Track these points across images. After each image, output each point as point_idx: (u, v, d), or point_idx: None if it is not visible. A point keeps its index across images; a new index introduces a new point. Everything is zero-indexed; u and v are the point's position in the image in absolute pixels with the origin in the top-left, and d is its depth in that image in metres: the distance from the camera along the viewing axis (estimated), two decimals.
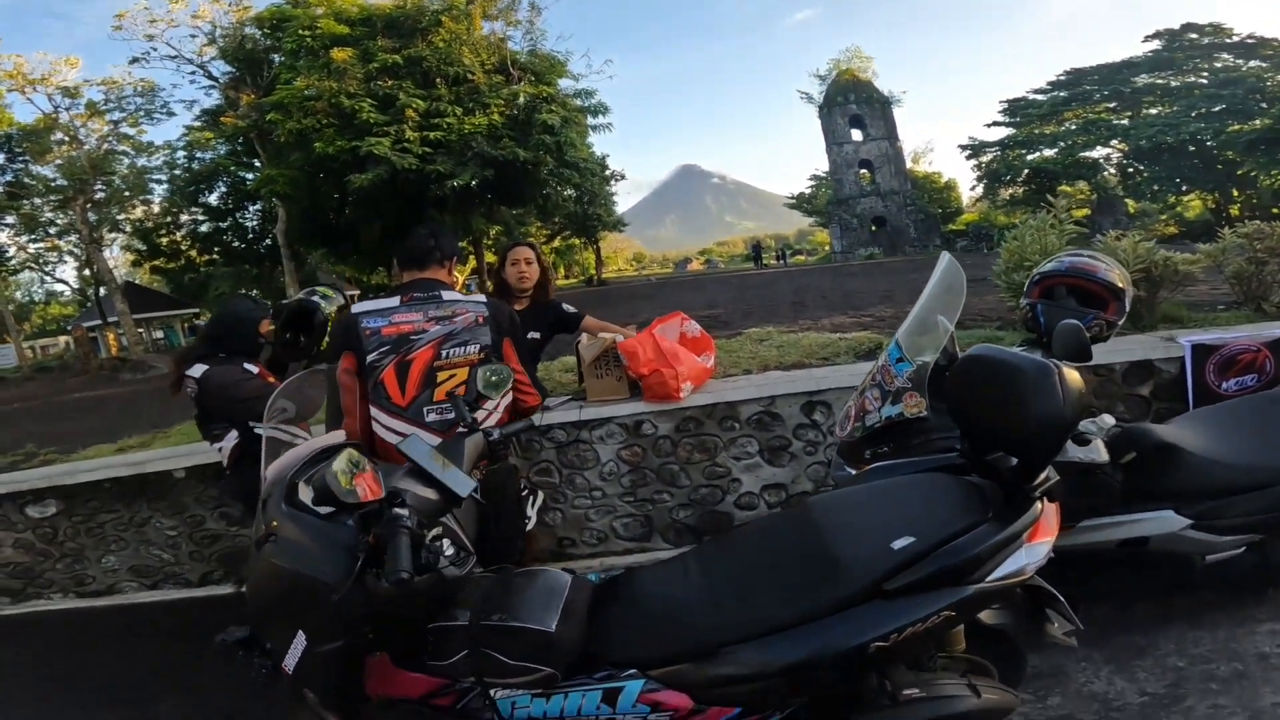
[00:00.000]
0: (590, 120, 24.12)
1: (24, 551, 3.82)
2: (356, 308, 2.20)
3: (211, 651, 1.61)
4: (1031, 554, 1.38)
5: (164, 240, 32.24)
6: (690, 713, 1.40)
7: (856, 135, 36.68)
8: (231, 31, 24.28)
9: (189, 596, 3.71)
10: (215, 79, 25.46)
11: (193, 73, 25.54)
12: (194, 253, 32.53)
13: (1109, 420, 2.21)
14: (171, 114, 27.45)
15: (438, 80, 19.81)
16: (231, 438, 2.75)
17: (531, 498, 3.03)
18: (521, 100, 20.09)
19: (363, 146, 18.20)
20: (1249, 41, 32.60)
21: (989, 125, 39.17)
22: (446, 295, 2.19)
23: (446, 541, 1.40)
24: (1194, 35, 33.67)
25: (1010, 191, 38.36)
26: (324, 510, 1.43)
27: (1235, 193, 32.51)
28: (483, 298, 2.29)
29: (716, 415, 3.33)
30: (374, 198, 19.98)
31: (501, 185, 21.21)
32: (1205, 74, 33.35)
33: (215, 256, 32.04)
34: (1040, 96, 37.08)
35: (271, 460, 1.64)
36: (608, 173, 34.26)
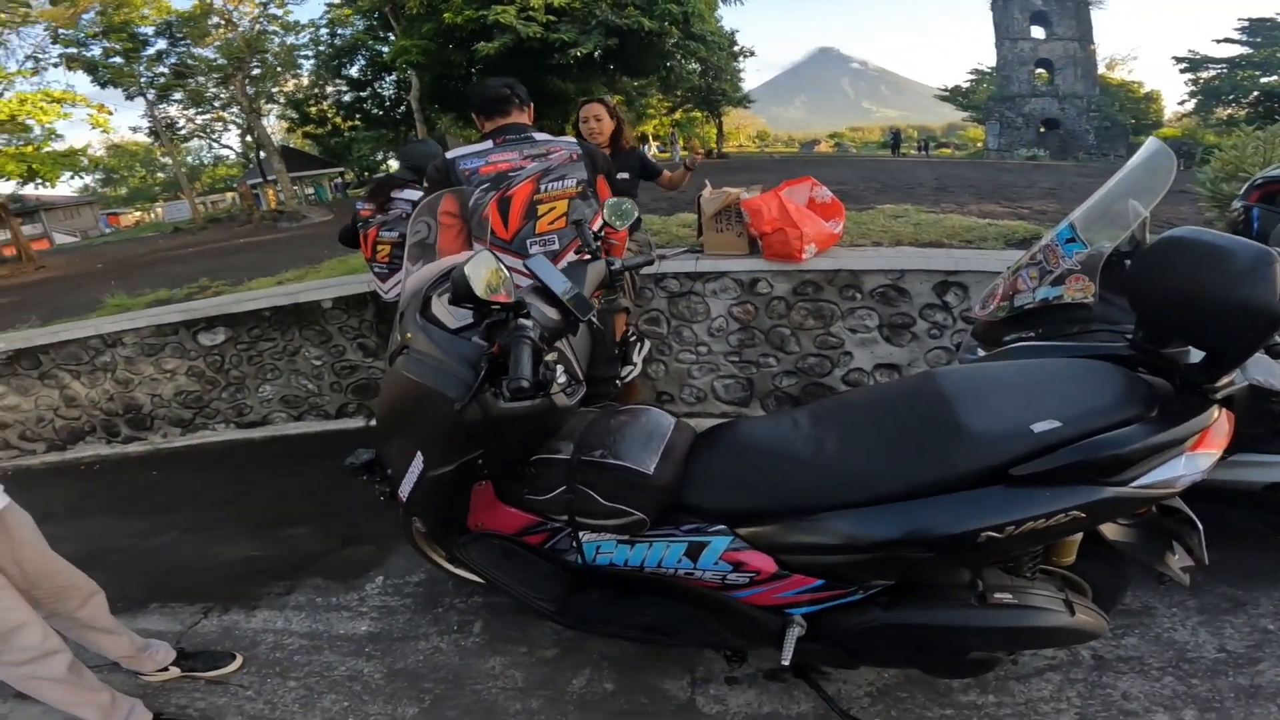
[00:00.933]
0: None
1: (195, 380, 4.23)
2: (451, 153, 2.21)
3: (342, 472, 1.79)
4: (1191, 464, 1.18)
5: (312, 109, 35.01)
6: (771, 577, 1.36)
7: (1038, 32, 32.60)
8: None
9: (326, 429, 4.10)
10: None
11: None
12: (338, 120, 34.95)
13: None
14: None
15: None
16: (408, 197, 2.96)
17: (639, 344, 3.08)
18: None
19: (489, 15, 18.06)
20: None
21: (1219, 41, 34.09)
22: (538, 136, 2.22)
23: (560, 368, 1.39)
24: None
25: (1229, 112, 33.22)
26: (454, 325, 1.46)
27: None
28: (573, 138, 2.31)
29: (838, 283, 3.15)
30: (499, 64, 19.91)
31: (624, 55, 20.62)
32: None
33: (356, 123, 34.19)
34: None
35: (413, 269, 1.70)
36: (735, 48, 32.20)
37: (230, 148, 39.74)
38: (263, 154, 31.00)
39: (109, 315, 4.55)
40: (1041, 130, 31.74)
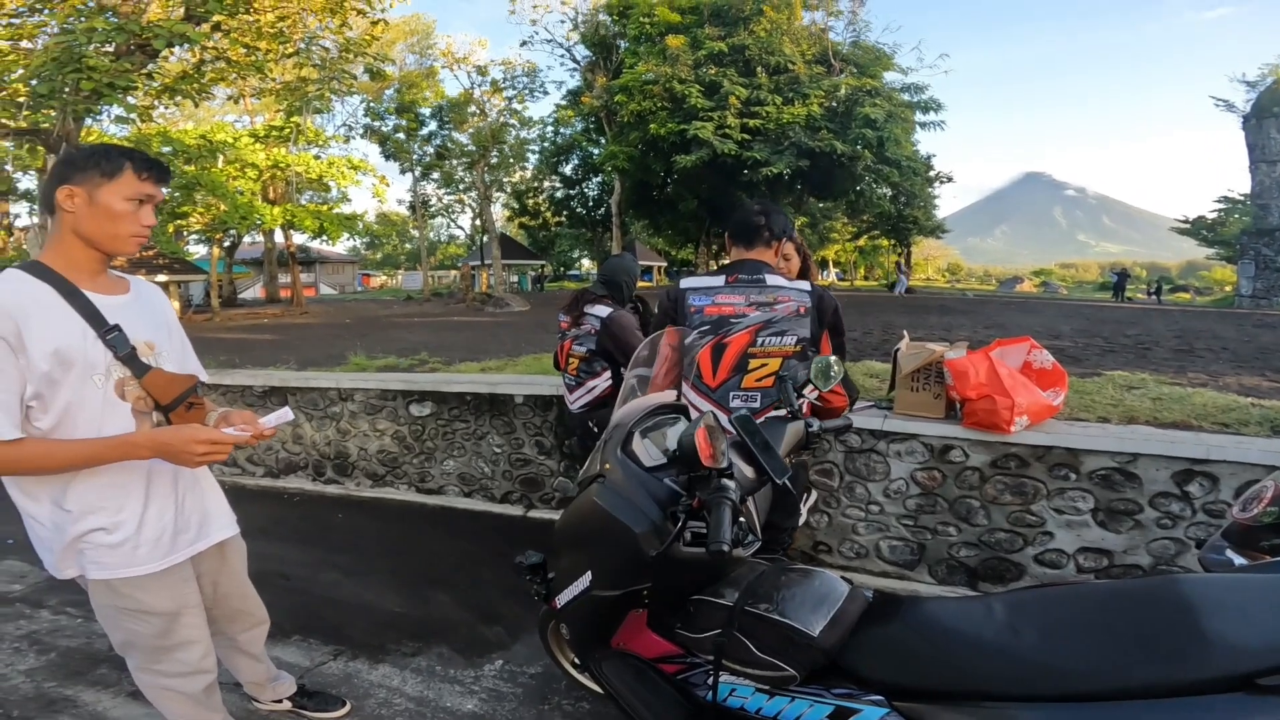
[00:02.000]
0: (919, 117, 22.65)
1: (397, 442, 4.64)
2: (684, 283, 2.22)
3: (511, 569, 1.87)
4: None
5: (530, 201, 39.72)
6: None
7: None
8: (589, 18, 27.84)
9: (489, 510, 4.37)
10: (578, 62, 29.60)
11: (561, 55, 30.18)
12: (549, 214, 39.16)
13: None
14: (546, 93, 33.17)
15: (758, 69, 20.35)
16: (605, 379, 3.06)
17: (806, 495, 2.96)
18: (842, 92, 19.60)
19: (689, 130, 19.60)
20: None
21: None
22: (770, 280, 2.13)
23: (743, 520, 1.38)
24: None
25: None
26: (650, 464, 1.53)
27: None
28: (808, 285, 2.17)
29: (1049, 460, 2.80)
30: (694, 177, 21.54)
31: (814, 176, 21.08)
32: None
33: (563, 219, 38.09)
34: None
35: (623, 404, 1.79)
36: (932, 173, 31.42)
37: (462, 229, 46.54)
38: (485, 238, 35.84)
39: (349, 372, 5.34)
40: None
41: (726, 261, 2.32)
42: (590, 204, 35.92)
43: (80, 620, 2.86)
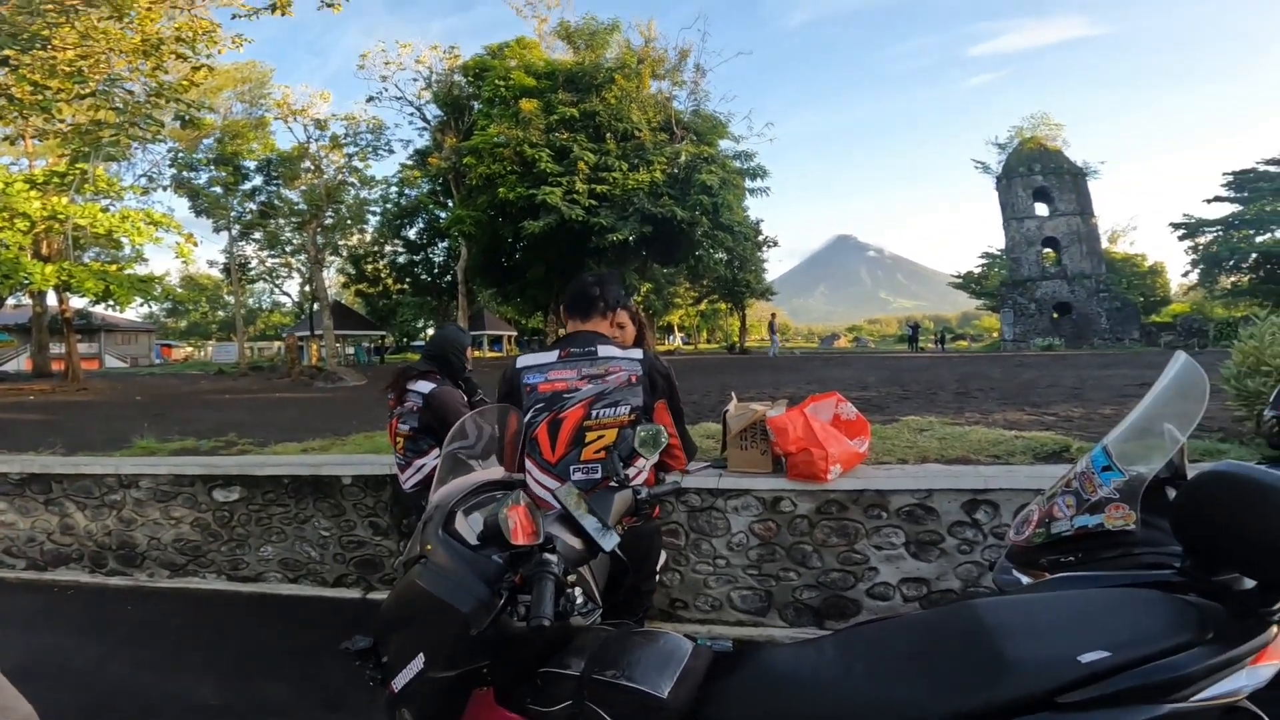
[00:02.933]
0: (748, 183, 24.31)
1: (199, 531, 4.25)
2: (520, 361, 2.24)
3: (338, 653, 1.70)
4: (1253, 676, 1.18)
5: (369, 267, 37.15)
6: None
7: (1041, 210, 32.69)
8: (443, 78, 27.36)
9: (321, 595, 3.99)
10: (428, 121, 28.69)
11: (411, 114, 29.01)
12: (390, 280, 36.95)
13: None
14: (392, 151, 31.35)
15: (607, 135, 21.16)
16: (434, 457, 2.92)
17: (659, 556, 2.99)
18: (683, 159, 20.77)
19: (539, 195, 19.74)
20: None
21: (1209, 201, 33.67)
22: (603, 351, 2.17)
23: (579, 590, 1.42)
24: None
25: (1233, 279, 33.57)
26: (473, 542, 1.51)
27: None
28: (639, 354, 2.21)
29: (863, 502, 3.09)
30: (542, 243, 21.57)
31: (657, 243, 21.95)
32: None
33: (406, 286, 36.11)
34: (1274, 168, 31.72)
35: (442, 483, 1.74)
36: (761, 238, 34.02)
37: (289, 295, 42.43)
38: (316, 306, 32.83)
39: (133, 456, 4.65)
40: (1055, 316, 31.35)
41: (563, 333, 2.36)
42: (436, 270, 34.63)
43: None
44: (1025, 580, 1.93)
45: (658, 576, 2.94)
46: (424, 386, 2.97)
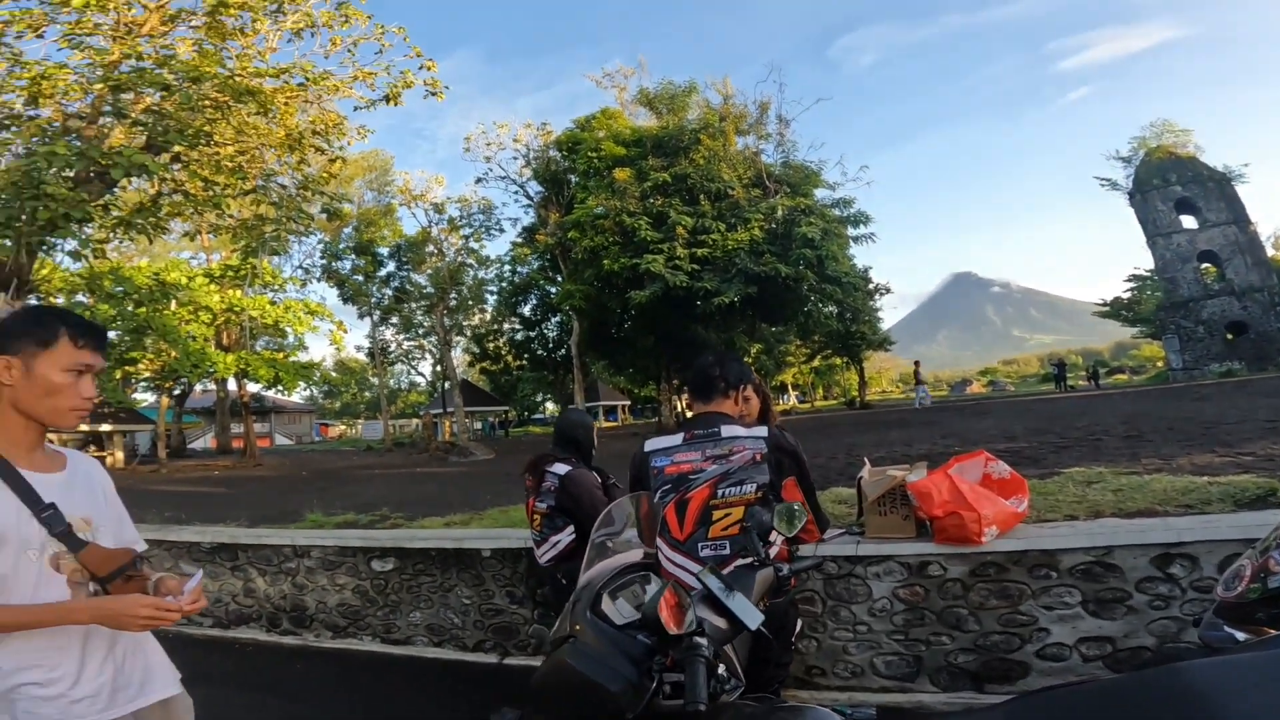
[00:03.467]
0: (851, 231, 23.42)
1: (359, 597, 4.62)
2: (648, 445, 2.31)
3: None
4: None
5: (490, 345, 38.54)
6: None
7: (1189, 222, 29.16)
8: (540, 154, 28.18)
9: (462, 659, 4.20)
10: (531, 198, 29.46)
11: (516, 192, 29.85)
12: (509, 357, 38.10)
13: None
14: (502, 230, 32.38)
15: (701, 196, 21.20)
16: (569, 533, 3.11)
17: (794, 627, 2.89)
18: (780, 213, 20.41)
19: (641, 264, 19.96)
20: None
21: None
22: (726, 431, 2.19)
23: (722, 667, 1.43)
24: None
25: None
26: (621, 622, 1.57)
27: None
28: (764, 431, 2.22)
29: (1026, 563, 2.83)
30: (649, 312, 21.78)
31: (763, 302, 21.48)
32: None
33: (524, 362, 37.12)
34: None
35: (589, 567, 1.84)
36: (871, 286, 32.13)
37: (423, 375, 45.59)
38: (447, 384, 35.16)
39: (305, 529, 5.17)
40: (1229, 337, 27.39)
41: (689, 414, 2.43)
42: (550, 345, 35.44)
43: None
44: (1240, 636, 1.73)
45: (794, 645, 2.85)
46: (560, 469, 3.15)
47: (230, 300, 19.94)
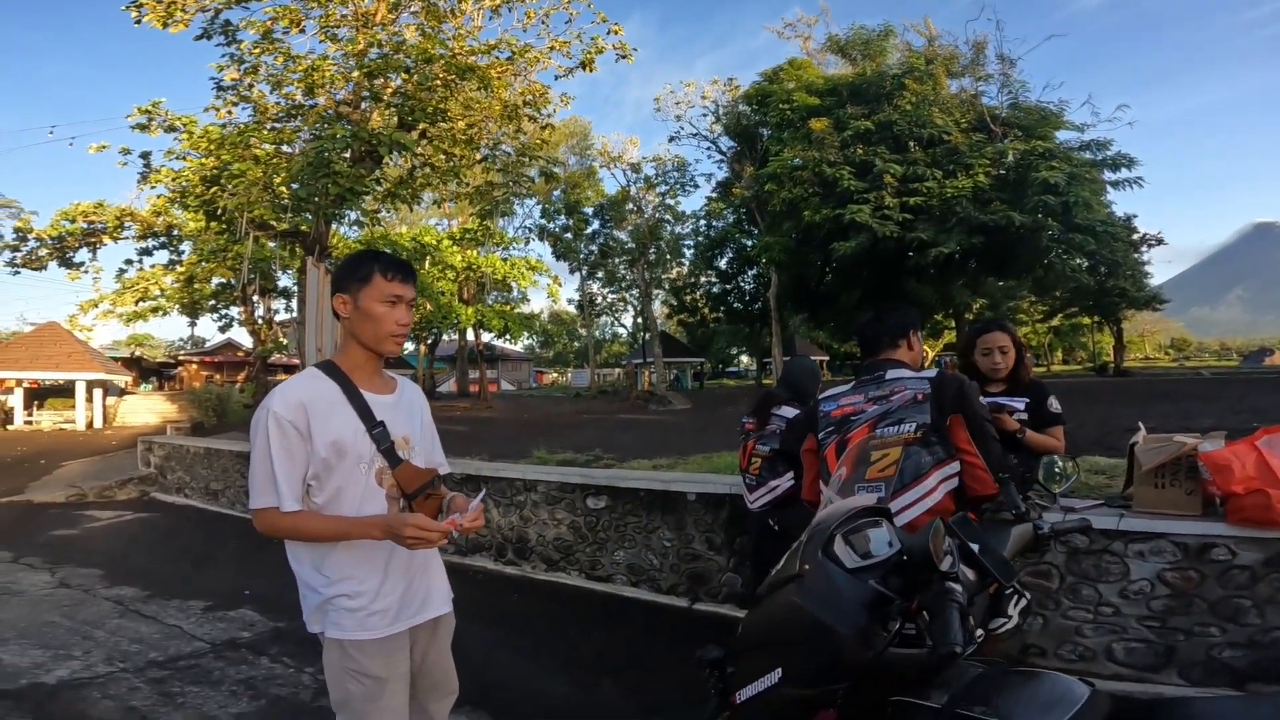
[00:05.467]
0: (1108, 175, 20.14)
1: (572, 532, 4.92)
2: (822, 395, 2.35)
3: (693, 663, 1.80)
4: None
5: (688, 297, 39.85)
6: None
7: None
8: (729, 109, 28.22)
9: (655, 600, 4.43)
10: (724, 153, 29.88)
11: (708, 148, 30.62)
12: (705, 310, 39.09)
13: None
14: (696, 186, 33.17)
15: (911, 144, 19.49)
16: (788, 479, 3.11)
17: (1017, 597, 2.69)
18: (1010, 158, 18.24)
19: (845, 214, 18.87)
20: None
21: None
22: (890, 374, 2.17)
23: (970, 623, 1.36)
24: None
25: None
26: (851, 566, 1.53)
27: None
28: (932, 372, 2.17)
29: None
30: (854, 265, 20.58)
31: (990, 253, 19.38)
32: None
33: (720, 315, 37.78)
34: None
35: (825, 508, 1.84)
36: (1136, 237, 26.94)
37: (625, 327, 48.44)
38: (647, 335, 37.07)
39: (532, 465, 5.77)
40: None
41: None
42: (747, 298, 35.44)
43: (293, 670, 3.26)
44: None
45: (1014, 619, 2.67)
46: (788, 412, 3.15)
47: (469, 259, 22.68)
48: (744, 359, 57.80)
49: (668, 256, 35.36)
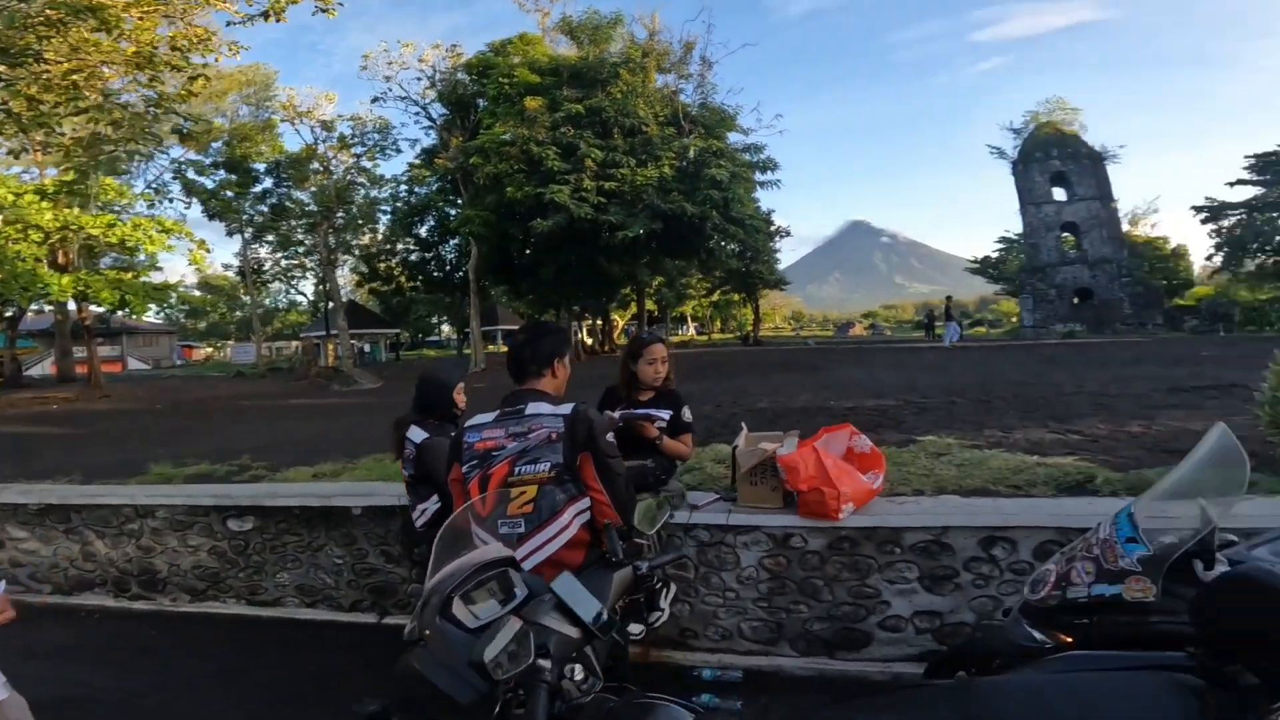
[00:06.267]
0: (759, 176, 24.06)
1: (216, 558, 4.35)
2: (467, 421, 2.33)
3: (347, 716, 1.69)
4: None
5: (381, 265, 37.05)
6: None
7: (1059, 195, 32.08)
8: (447, 76, 27.12)
9: (337, 619, 4.05)
10: (434, 120, 28.53)
11: (417, 113, 28.84)
12: (403, 279, 36.85)
13: None
14: (399, 150, 31.32)
15: (615, 131, 20.87)
16: (433, 503, 2.99)
17: (665, 589, 3.00)
18: (692, 153, 20.49)
19: (546, 193, 19.58)
20: None
21: (1231, 184, 32.90)
22: (530, 409, 2.22)
23: (578, 667, 1.43)
24: None
25: (1258, 262, 32.70)
26: (473, 626, 1.49)
27: None
28: (566, 409, 2.21)
29: (876, 538, 3.05)
30: (552, 242, 21.42)
31: (667, 237, 21.74)
32: None
33: (418, 284, 35.85)
34: None
35: (439, 564, 1.72)
36: (773, 229, 33.48)
37: (304, 295, 42.73)
38: (330, 305, 33.21)
39: (149, 485, 4.70)
40: (1076, 301, 30.65)
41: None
42: (448, 267, 34.21)
43: None
44: (1039, 637, 1.93)
45: (666, 611, 3.00)
46: (416, 435, 3.03)
47: (66, 218, 17.30)
48: (445, 328, 55.78)
49: (359, 221, 32.71)
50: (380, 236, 36.41)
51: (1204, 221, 33.84)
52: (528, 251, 25.00)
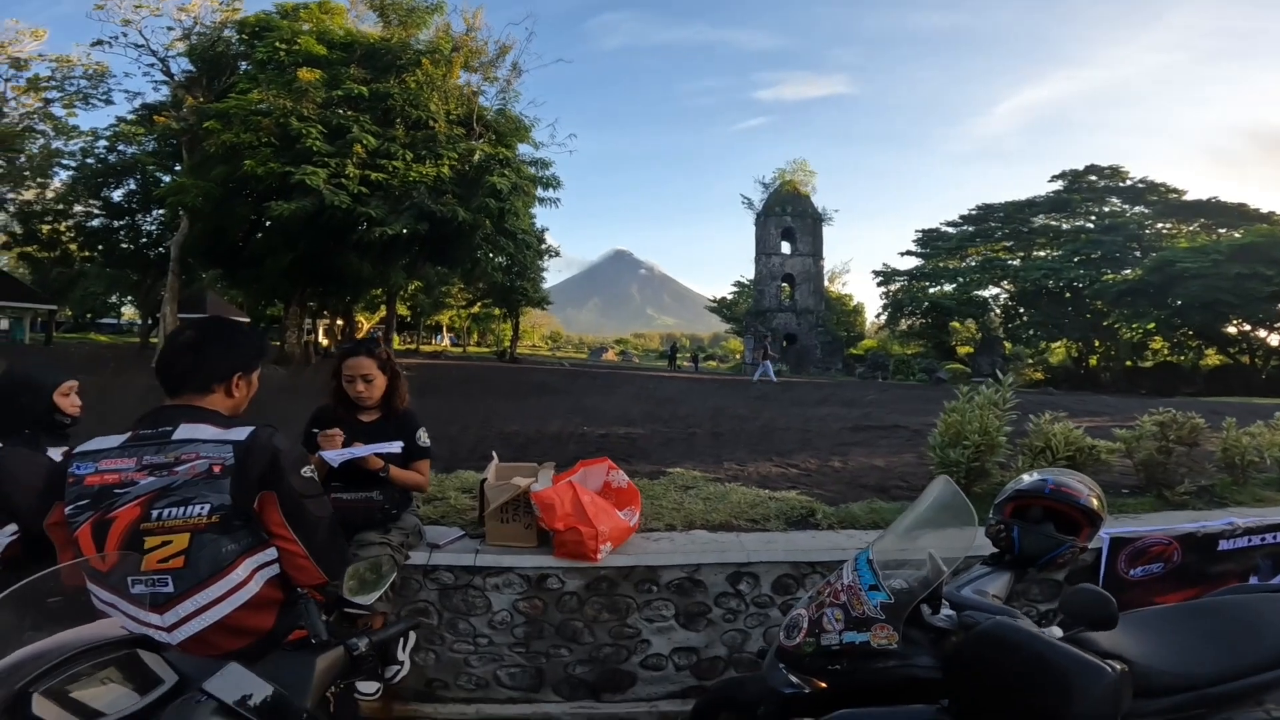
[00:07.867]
0: (540, 191, 23.53)
1: None
2: (80, 446, 1.70)
3: None
4: None
5: (46, 227, 29.70)
6: None
7: (786, 248, 36.99)
8: (211, 31, 23.32)
9: None
10: (171, 75, 24.27)
11: (151, 64, 24.21)
12: (73, 246, 30.24)
13: (1056, 632, 2.09)
14: (110, 102, 26.45)
15: (398, 121, 19.28)
16: (8, 533, 2.14)
17: (404, 639, 2.63)
18: (476, 158, 19.63)
19: (296, 174, 17.16)
20: (1139, 186, 35.27)
21: (902, 254, 41.42)
22: (182, 432, 1.64)
23: None
24: (1093, 177, 36.10)
25: (909, 323, 39.94)
26: None
27: (1097, 343, 34.65)
28: (241, 435, 1.66)
29: (634, 578, 3.04)
30: (291, 229, 18.66)
31: (432, 241, 20.49)
32: (1093, 218, 35.58)
33: (97, 255, 29.71)
34: (950, 229, 39.64)
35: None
36: (544, 246, 33.48)
37: None
38: None
39: None
40: (784, 345, 35.43)
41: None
42: (144, 241, 28.56)
43: None
44: (795, 681, 2.00)
45: (406, 663, 2.67)
46: None
47: None
48: (128, 310, 45.36)
49: (26, 173, 26.83)
50: (52, 194, 29.22)
51: (879, 285, 41.22)
52: (258, 235, 21.58)
